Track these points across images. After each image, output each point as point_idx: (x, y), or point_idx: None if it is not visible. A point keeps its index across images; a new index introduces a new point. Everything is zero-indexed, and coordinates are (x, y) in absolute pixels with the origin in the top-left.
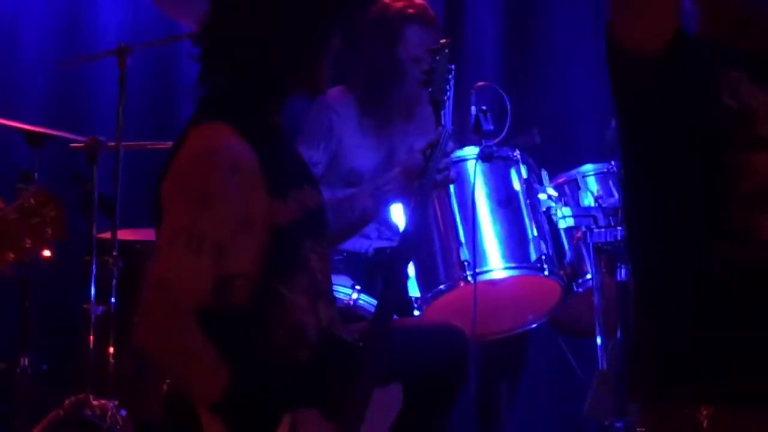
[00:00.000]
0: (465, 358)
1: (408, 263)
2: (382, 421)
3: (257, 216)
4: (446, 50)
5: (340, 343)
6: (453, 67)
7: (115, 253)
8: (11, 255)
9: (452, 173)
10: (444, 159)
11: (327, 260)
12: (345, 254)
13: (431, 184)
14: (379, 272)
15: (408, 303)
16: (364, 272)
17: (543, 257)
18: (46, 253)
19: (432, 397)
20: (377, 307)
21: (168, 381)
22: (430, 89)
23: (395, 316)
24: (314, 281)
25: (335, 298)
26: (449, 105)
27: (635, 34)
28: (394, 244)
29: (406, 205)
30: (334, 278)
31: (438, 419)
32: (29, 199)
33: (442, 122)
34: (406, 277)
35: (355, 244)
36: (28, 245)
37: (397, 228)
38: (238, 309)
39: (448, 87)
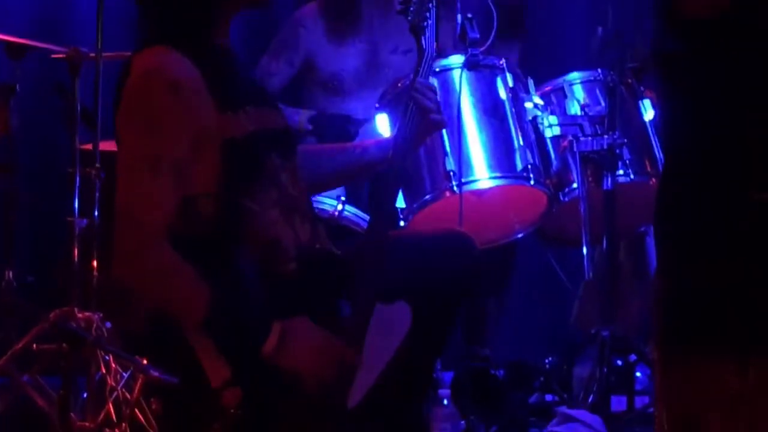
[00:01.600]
0: (476, 265)
1: (400, 177)
2: (391, 340)
3: (209, 130)
4: None
5: (328, 256)
6: None
7: (97, 165)
8: None
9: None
10: (431, 87)
11: (299, 178)
12: None
13: (418, 109)
14: (367, 184)
15: (394, 213)
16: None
17: (529, 166)
18: None
19: (441, 311)
20: (371, 217)
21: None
22: (408, 17)
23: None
24: (286, 195)
25: (316, 215)
26: (431, 29)
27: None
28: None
29: (395, 123)
30: None
31: (444, 331)
32: None
33: (424, 47)
34: (398, 189)
35: None
36: None
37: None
38: (206, 228)
39: (428, 14)
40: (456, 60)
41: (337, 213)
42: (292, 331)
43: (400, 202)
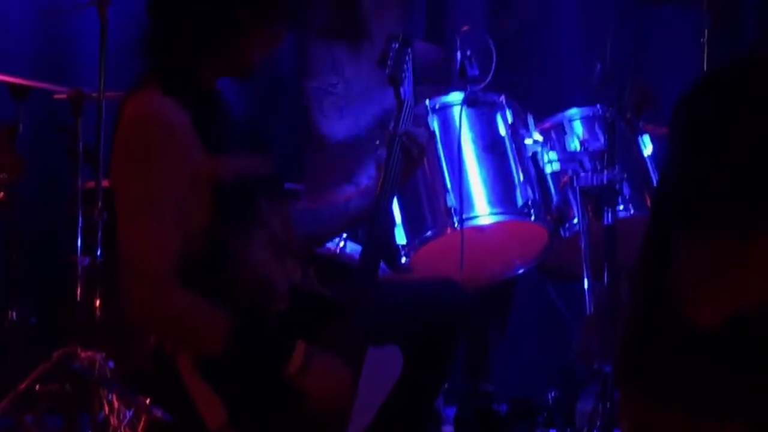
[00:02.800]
0: (464, 314)
1: (387, 215)
2: (383, 383)
3: (200, 172)
4: (401, 37)
5: (320, 298)
6: (410, 50)
7: (100, 204)
8: None
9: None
10: (412, 133)
11: (290, 221)
12: None
13: (398, 156)
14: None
15: (395, 250)
16: None
17: (529, 202)
18: None
19: (432, 356)
20: (360, 261)
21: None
22: (386, 69)
23: (382, 265)
24: (276, 239)
25: (307, 259)
26: (408, 79)
27: (704, 313)
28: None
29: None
30: None
31: (438, 376)
32: None
33: (402, 97)
34: (393, 224)
35: (344, 192)
36: None
37: None
38: (194, 269)
39: (405, 66)
40: (456, 97)
41: (338, 250)
42: (316, 353)
43: (402, 239)
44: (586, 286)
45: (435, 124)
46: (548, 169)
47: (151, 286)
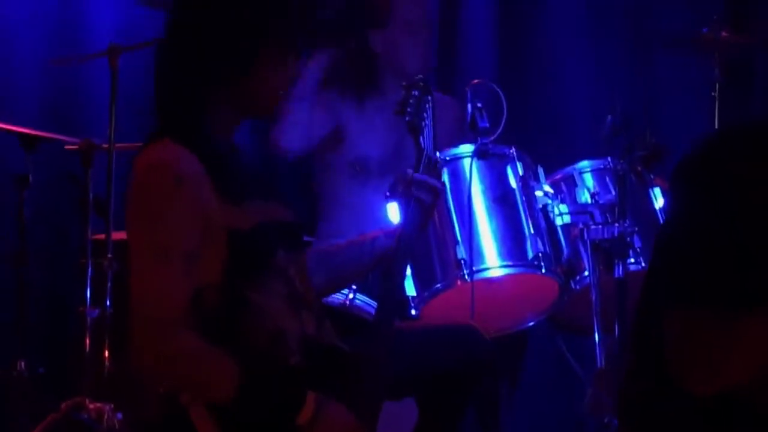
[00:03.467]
0: (485, 359)
1: (405, 265)
2: None
3: (214, 222)
4: (422, 83)
5: (335, 351)
6: (430, 98)
7: (109, 255)
8: None
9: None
10: (428, 183)
11: (306, 273)
12: None
13: (417, 209)
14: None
15: (404, 302)
16: None
17: (540, 255)
18: None
19: (449, 405)
20: (377, 312)
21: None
22: (406, 118)
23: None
24: (293, 290)
25: (323, 311)
26: (428, 128)
27: (696, 386)
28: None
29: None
30: None
31: (454, 426)
32: None
33: (422, 146)
34: (404, 278)
35: None
36: None
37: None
38: (209, 319)
39: (425, 115)
40: (466, 149)
41: (348, 302)
42: (327, 404)
43: (411, 291)
44: (596, 339)
45: (445, 176)
46: (559, 222)
47: (159, 331)
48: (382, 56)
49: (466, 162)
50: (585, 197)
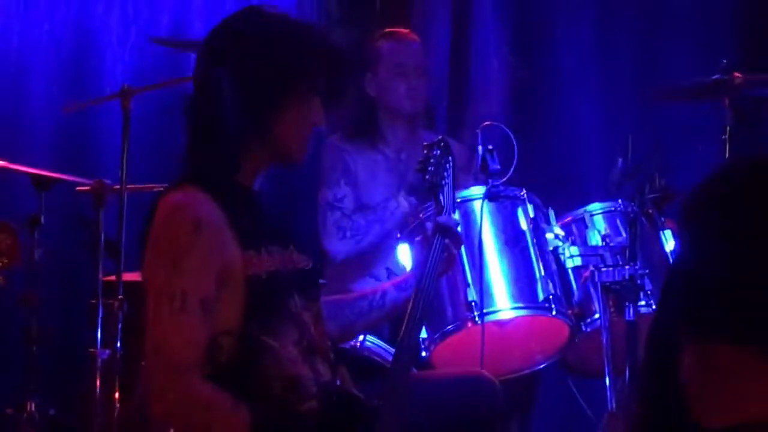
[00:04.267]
0: (497, 409)
1: (424, 313)
2: None
3: (232, 268)
4: (442, 144)
5: (349, 397)
6: (451, 159)
7: (120, 297)
8: None
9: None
10: (455, 230)
11: (322, 320)
12: None
13: (437, 264)
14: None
15: (416, 344)
16: None
17: (551, 297)
18: None
19: None
20: (393, 361)
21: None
22: (426, 176)
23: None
24: (308, 336)
25: (338, 358)
26: (449, 187)
27: (712, 422)
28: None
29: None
30: None
31: None
32: None
33: (442, 203)
34: (421, 326)
35: (364, 286)
36: None
37: (404, 271)
38: (226, 366)
39: (446, 174)
40: (477, 191)
41: (358, 344)
42: None
43: (422, 333)
44: (607, 382)
45: (456, 218)
46: (569, 264)
47: (174, 377)
48: (377, 99)
49: (477, 204)
50: (596, 239)
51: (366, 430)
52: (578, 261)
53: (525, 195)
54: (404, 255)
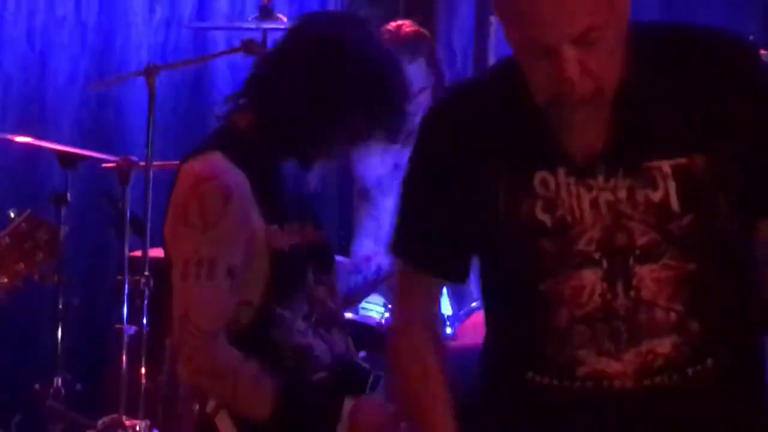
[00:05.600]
0: None
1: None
2: None
3: (257, 240)
4: None
5: (360, 370)
6: None
7: (146, 273)
8: (5, 279)
9: None
10: None
11: (336, 292)
12: None
13: None
14: None
15: (440, 320)
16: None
17: None
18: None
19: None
20: None
21: (200, 405)
22: None
23: None
24: (325, 309)
25: (349, 330)
26: None
27: None
28: None
29: None
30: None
31: None
32: (21, 224)
33: None
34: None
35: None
36: (21, 269)
37: None
38: (241, 336)
39: None
40: None
41: (384, 320)
42: (364, 410)
43: (447, 310)
44: None
45: None
46: None
47: (203, 343)
48: None
49: None
50: None
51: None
52: None
53: None
54: None
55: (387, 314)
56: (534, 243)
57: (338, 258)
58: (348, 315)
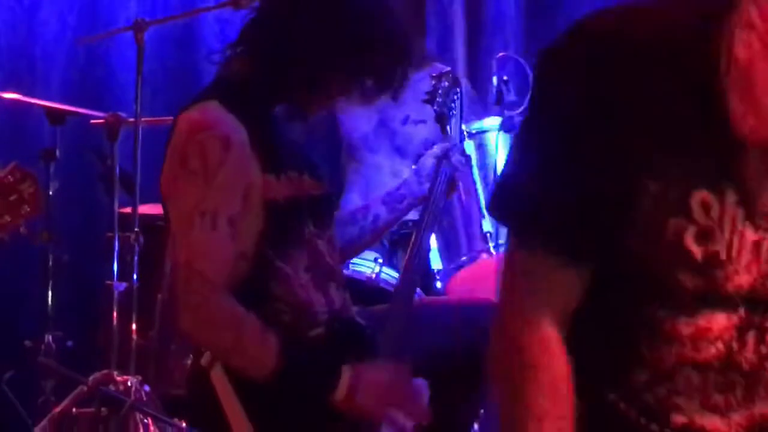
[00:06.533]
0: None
1: (429, 234)
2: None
3: (254, 190)
4: (450, 75)
5: (356, 327)
6: (459, 90)
7: (136, 229)
8: None
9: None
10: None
11: (335, 247)
12: None
13: (440, 195)
14: (401, 246)
15: (430, 275)
16: (386, 245)
17: None
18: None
19: (462, 391)
20: (398, 284)
21: (195, 358)
22: (435, 107)
23: (417, 289)
24: (323, 263)
25: (346, 285)
26: (456, 120)
27: None
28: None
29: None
30: None
31: (467, 412)
32: (6, 176)
33: (449, 133)
34: (428, 250)
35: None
36: (7, 221)
37: None
38: (238, 289)
39: (453, 105)
40: (492, 122)
41: (374, 275)
42: (363, 378)
43: (437, 264)
44: None
45: (471, 149)
46: None
47: (208, 294)
48: None
49: (492, 136)
50: None
51: (367, 357)
52: None
53: None
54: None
55: (377, 268)
56: (671, 274)
57: None
58: None
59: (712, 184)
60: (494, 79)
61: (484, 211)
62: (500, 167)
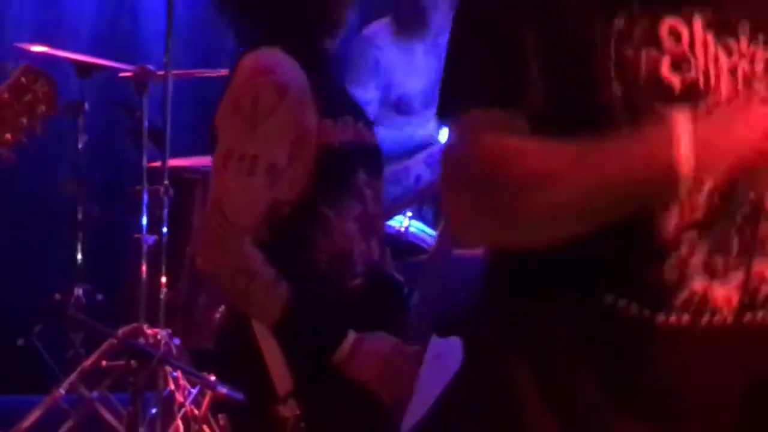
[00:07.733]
0: None
1: None
2: (442, 375)
3: (308, 136)
4: None
5: (395, 282)
6: None
7: (165, 182)
8: (8, 135)
9: None
10: None
11: (380, 200)
12: None
13: None
14: (430, 200)
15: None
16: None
17: None
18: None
19: None
20: (435, 244)
21: (223, 307)
22: None
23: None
24: (368, 214)
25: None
26: None
27: None
28: None
29: None
30: None
31: None
32: (19, 78)
33: None
34: None
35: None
36: (23, 123)
37: None
38: (278, 235)
39: None
40: None
41: (404, 229)
42: (365, 345)
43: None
44: None
45: None
46: None
47: (229, 235)
48: None
49: None
50: None
51: (400, 313)
52: None
53: None
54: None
55: (406, 222)
56: (653, 109)
57: None
58: None
59: (678, 10)
60: None
61: None
62: None
